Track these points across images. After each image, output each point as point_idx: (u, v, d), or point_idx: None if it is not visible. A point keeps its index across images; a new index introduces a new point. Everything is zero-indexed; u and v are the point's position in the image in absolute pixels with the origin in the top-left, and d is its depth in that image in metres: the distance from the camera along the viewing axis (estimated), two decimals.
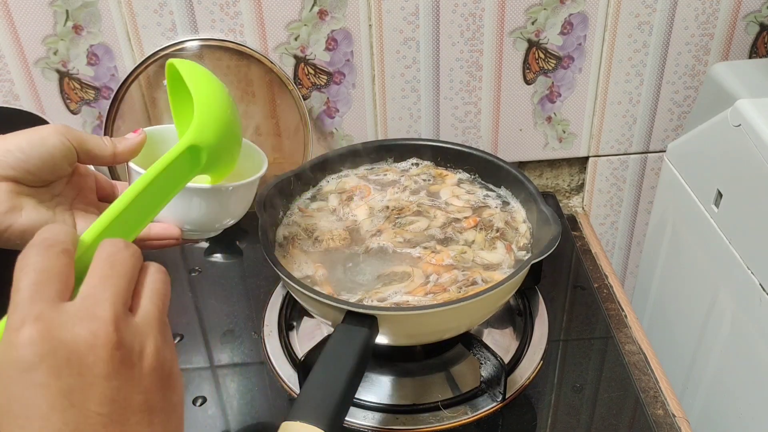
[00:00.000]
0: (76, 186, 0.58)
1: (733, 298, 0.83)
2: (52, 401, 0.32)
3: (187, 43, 0.92)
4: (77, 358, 0.33)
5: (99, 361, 0.33)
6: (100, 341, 0.33)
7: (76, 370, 0.33)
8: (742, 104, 0.78)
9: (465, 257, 0.71)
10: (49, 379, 0.32)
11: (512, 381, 0.72)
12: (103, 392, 0.33)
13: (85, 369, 0.33)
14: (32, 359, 0.32)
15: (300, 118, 0.96)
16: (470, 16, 0.92)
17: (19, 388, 0.32)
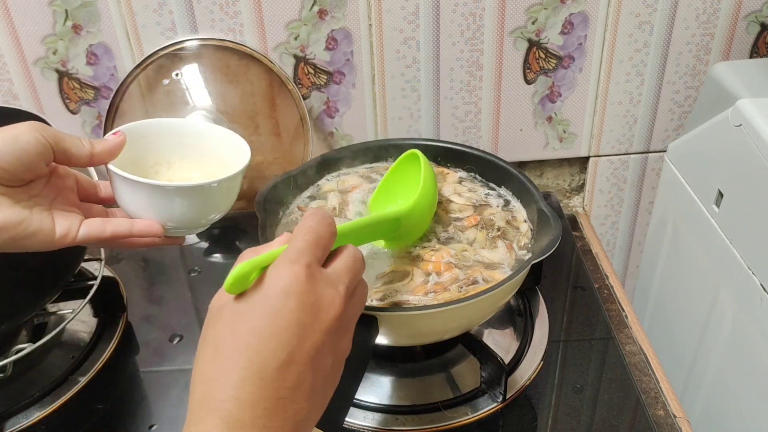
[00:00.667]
0: (55, 187, 0.57)
1: (733, 298, 0.83)
2: (289, 324, 0.41)
3: (187, 43, 0.92)
4: (318, 307, 0.43)
5: (327, 318, 0.43)
6: (334, 306, 0.44)
7: (313, 314, 0.42)
8: (743, 104, 0.78)
9: (466, 255, 0.71)
10: (296, 307, 0.42)
11: (512, 381, 0.72)
12: (318, 339, 0.42)
13: (319, 317, 0.42)
14: (294, 288, 0.42)
15: (300, 117, 0.96)
16: (470, 15, 0.92)
17: (273, 300, 0.41)
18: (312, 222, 0.46)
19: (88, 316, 0.82)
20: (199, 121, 0.65)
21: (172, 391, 0.73)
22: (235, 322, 0.41)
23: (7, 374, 0.73)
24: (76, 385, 0.73)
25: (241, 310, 0.42)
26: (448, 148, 0.84)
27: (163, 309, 0.84)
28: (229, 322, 0.42)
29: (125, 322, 0.81)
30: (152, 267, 0.92)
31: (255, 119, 0.96)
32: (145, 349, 0.79)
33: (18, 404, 0.71)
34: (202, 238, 0.96)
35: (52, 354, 0.77)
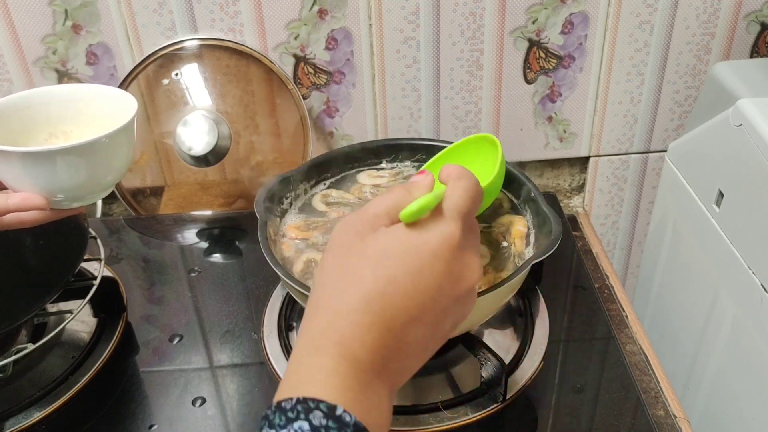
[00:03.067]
0: None
1: (734, 298, 0.82)
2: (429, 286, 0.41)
3: (187, 43, 0.92)
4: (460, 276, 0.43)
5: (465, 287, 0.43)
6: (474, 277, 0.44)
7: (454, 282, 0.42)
8: (744, 104, 0.78)
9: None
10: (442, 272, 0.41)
11: (513, 382, 0.72)
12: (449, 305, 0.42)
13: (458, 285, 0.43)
14: (445, 253, 0.42)
15: (300, 117, 0.96)
16: (471, 15, 0.92)
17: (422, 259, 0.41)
18: (469, 185, 0.45)
19: (88, 316, 0.82)
20: (84, 85, 0.61)
21: (172, 391, 0.73)
22: (379, 265, 0.41)
23: (7, 374, 0.73)
24: (76, 385, 0.73)
25: (387, 253, 0.41)
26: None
27: (163, 309, 0.84)
28: (374, 262, 0.41)
29: (125, 322, 0.81)
30: (152, 267, 0.92)
31: (255, 119, 0.96)
32: (145, 349, 0.79)
33: (18, 404, 0.71)
34: (202, 238, 0.96)
35: (52, 354, 0.77)
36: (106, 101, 0.60)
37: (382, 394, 0.40)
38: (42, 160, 0.52)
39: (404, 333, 0.40)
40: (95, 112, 0.60)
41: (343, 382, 0.38)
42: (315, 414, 0.36)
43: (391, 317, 0.40)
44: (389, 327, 0.40)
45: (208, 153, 0.95)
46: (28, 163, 0.52)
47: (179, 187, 1.01)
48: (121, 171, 0.58)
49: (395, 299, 0.40)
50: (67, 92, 0.61)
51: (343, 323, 0.39)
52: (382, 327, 0.39)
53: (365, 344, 0.39)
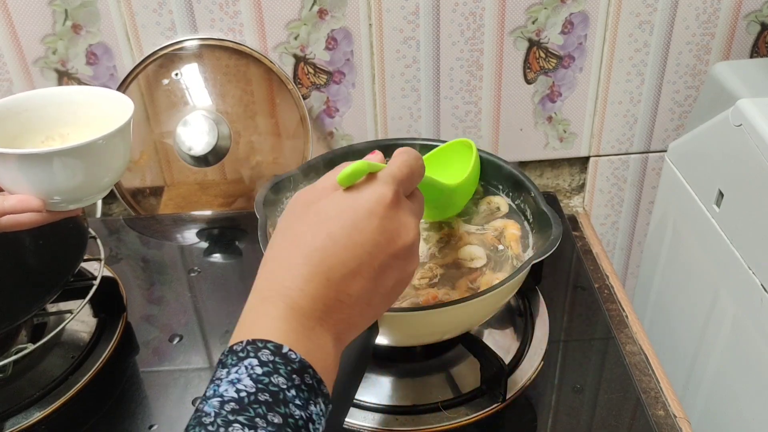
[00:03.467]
0: None
1: (734, 298, 0.82)
2: (365, 241, 0.45)
3: (187, 43, 0.92)
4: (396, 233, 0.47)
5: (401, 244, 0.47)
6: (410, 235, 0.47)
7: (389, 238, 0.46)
8: (744, 104, 0.78)
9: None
10: (376, 229, 0.45)
11: (513, 382, 0.72)
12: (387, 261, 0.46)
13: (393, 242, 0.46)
14: (379, 210, 0.46)
15: (300, 117, 0.96)
16: (470, 15, 0.92)
17: (358, 216, 0.45)
18: (408, 158, 0.50)
19: (88, 316, 0.82)
20: (81, 87, 0.60)
21: (172, 391, 0.73)
22: (319, 224, 0.45)
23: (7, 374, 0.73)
24: (76, 385, 0.73)
25: (327, 214, 0.46)
26: None
27: (163, 309, 0.84)
28: (314, 222, 0.45)
29: (125, 322, 0.81)
30: (152, 267, 0.92)
31: (255, 119, 0.96)
32: (145, 349, 0.79)
33: (18, 404, 0.71)
34: (202, 239, 0.96)
35: (52, 354, 0.77)
36: (103, 103, 0.60)
37: (326, 339, 0.43)
38: (38, 162, 0.51)
39: (344, 285, 0.44)
40: (92, 115, 0.60)
41: (287, 327, 0.42)
42: (263, 352, 0.40)
43: (329, 269, 0.43)
44: (328, 278, 0.43)
45: (208, 153, 0.95)
46: (24, 164, 0.51)
47: (179, 187, 1.01)
48: (118, 172, 0.58)
49: (333, 253, 0.44)
50: (63, 95, 0.61)
51: (286, 276, 0.43)
52: (321, 278, 0.43)
53: (306, 293, 0.43)
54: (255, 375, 0.39)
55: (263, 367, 0.39)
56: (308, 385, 0.40)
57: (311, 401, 0.40)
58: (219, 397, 0.38)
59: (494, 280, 0.68)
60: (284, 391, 0.39)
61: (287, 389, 0.39)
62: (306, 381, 0.40)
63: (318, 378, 0.41)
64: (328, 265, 0.44)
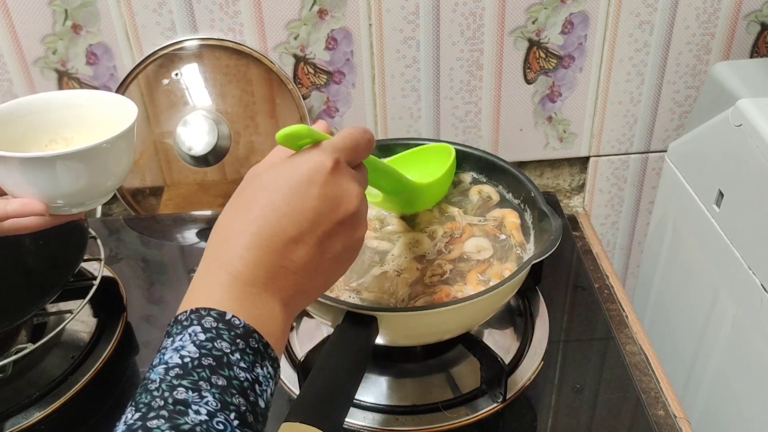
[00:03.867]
0: None
1: (734, 298, 0.82)
2: (305, 208, 0.45)
3: (187, 43, 0.92)
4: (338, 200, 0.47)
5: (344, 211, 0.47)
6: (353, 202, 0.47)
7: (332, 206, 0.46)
8: (744, 104, 0.78)
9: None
10: (317, 196, 0.46)
11: (512, 382, 0.72)
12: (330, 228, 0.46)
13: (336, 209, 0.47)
14: (317, 178, 0.46)
15: (300, 117, 0.96)
16: (470, 15, 0.92)
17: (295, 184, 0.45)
18: (354, 131, 0.51)
19: (88, 316, 0.82)
20: (88, 91, 0.60)
21: None
22: (258, 193, 0.46)
23: (6, 374, 0.73)
24: (76, 385, 0.73)
25: (266, 183, 0.46)
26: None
27: (163, 309, 0.84)
28: (254, 191, 0.46)
29: (125, 322, 0.81)
30: (152, 267, 0.92)
31: (255, 119, 0.96)
32: (145, 349, 0.79)
33: (18, 404, 0.71)
34: (202, 239, 0.96)
35: (52, 354, 0.77)
36: (107, 107, 0.60)
37: (273, 305, 0.44)
38: (42, 166, 0.51)
39: (286, 252, 0.44)
40: (96, 118, 0.60)
41: (230, 294, 0.42)
42: (206, 319, 0.40)
43: (270, 236, 0.44)
44: (268, 245, 0.44)
45: (208, 153, 0.95)
46: (27, 168, 0.51)
47: (179, 187, 1.01)
48: (121, 176, 0.57)
49: (273, 221, 0.44)
50: (67, 98, 0.61)
51: (229, 245, 0.44)
52: (262, 245, 0.44)
53: (247, 261, 0.43)
54: (198, 341, 0.39)
55: (206, 333, 0.40)
56: (253, 348, 0.41)
57: (257, 363, 0.41)
58: (164, 365, 0.39)
59: (503, 270, 0.69)
60: (228, 355, 0.39)
61: (231, 353, 0.40)
62: (251, 345, 0.41)
63: (264, 342, 0.42)
64: (269, 232, 0.44)
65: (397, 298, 0.66)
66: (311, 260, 0.46)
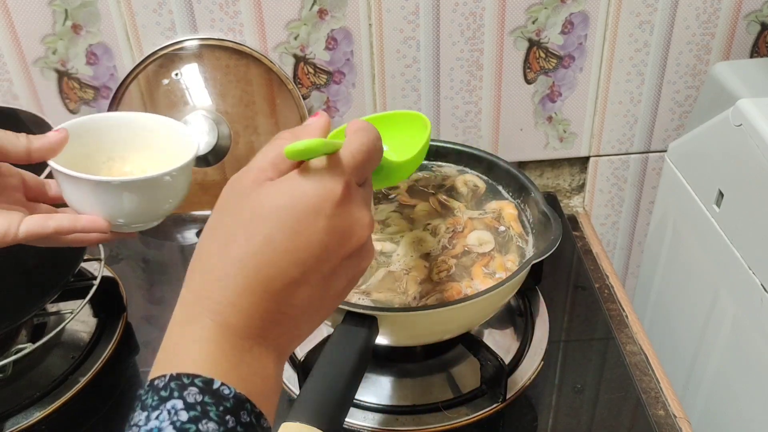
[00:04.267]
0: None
1: (734, 298, 0.82)
2: (310, 244, 0.38)
3: (187, 43, 0.92)
4: (348, 233, 0.40)
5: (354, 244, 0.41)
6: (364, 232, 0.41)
7: (340, 239, 0.40)
8: (744, 104, 0.78)
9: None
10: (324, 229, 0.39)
11: (513, 382, 0.72)
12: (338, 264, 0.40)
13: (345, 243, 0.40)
14: (326, 209, 0.39)
15: (300, 117, 0.96)
16: (470, 15, 0.92)
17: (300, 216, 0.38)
18: (368, 140, 0.43)
19: (88, 316, 0.82)
20: (150, 115, 0.63)
21: None
22: (254, 223, 0.38)
23: (7, 374, 0.73)
24: (76, 385, 0.73)
25: (263, 210, 0.38)
26: (449, 148, 0.84)
27: (163, 309, 0.84)
28: (248, 220, 0.38)
29: (125, 322, 0.81)
30: (152, 267, 0.92)
31: (255, 119, 0.96)
32: (145, 349, 0.79)
33: (18, 404, 0.71)
34: None
35: (52, 354, 0.77)
36: (172, 136, 0.62)
37: (265, 360, 0.38)
38: (111, 189, 0.55)
39: (287, 296, 0.38)
40: (156, 143, 0.63)
41: (218, 352, 0.36)
42: (190, 391, 0.34)
43: (267, 279, 0.37)
44: (266, 289, 0.37)
45: (208, 153, 0.95)
46: (98, 190, 0.54)
47: None
48: (180, 200, 0.60)
49: (272, 260, 0.37)
50: (130, 119, 0.63)
51: (215, 288, 0.37)
52: (259, 290, 0.37)
53: (240, 309, 0.37)
54: (179, 423, 0.33)
55: (190, 412, 0.33)
56: (245, 424, 0.35)
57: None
58: None
59: (507, 262, 0.69)
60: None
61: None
62: (242, 419, 0.34)
63: (257, 412, 0.36)
64: (266, 274, 0.37)
65: (408, 296, 0.67)
66: (313, 302, 0.39)
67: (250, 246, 0.37)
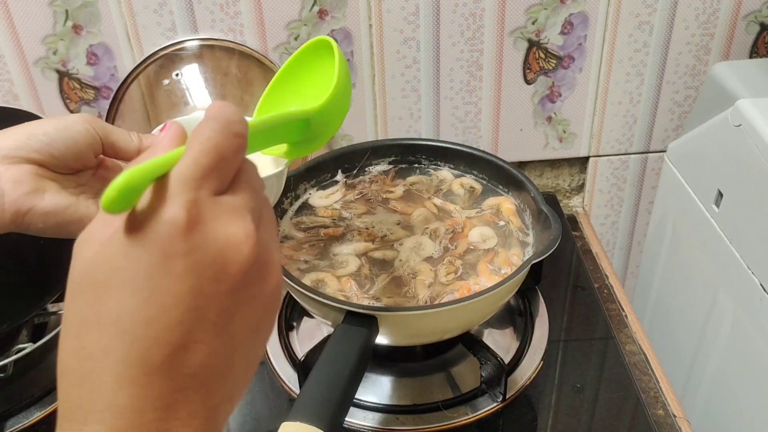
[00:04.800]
0: (101, 179, 0.57)
1: (733, 298, 0.83)
2: (178, 297, 0.30)
3: (187, 43, 0.92)
4: (220, 261, 0.31)
5: (236, 271, 0.32)
6: (244, 250, 0.32)
7: (214, 273, 0.31)
8: (743, 104, 0.78)
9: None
10: (186, 272, 0.30)
11: (512, 381, 0.72)
12: (226, 303, 0.32)
13: (223, 275, 0.31)
14: (176, 246, 0.30)
15: None
16: (470, 15, 0.92)
17: (147, 268, 0.30)
18: (212, 131, 0.33)
19: None
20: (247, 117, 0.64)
21: None
22: (103, 296, 0.30)
23: (7, 374, 0.73)
24: None
25: (109, 280, 0.30)
26: (449, 148, 0.84)
27: None
28: (95, 298, 0.30)
29: None
30: None
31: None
32: None
33: (18, 404, 0.71)
34: None
35: (53, 354, 0.77)
36: None
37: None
38: None
39: (176, 366, 0.30)
40: None
41: None
42: None
43: (141, 359, 0.30)
44: (146, 372, 0.30)
45: None
46: None
47: None
48: (273, 202, 0.60)
49: (137, 333, 0.30)
50: None
51: (79, 394, 0.32)
52: (135, 377, 0.30)
53: (122, 410, 0.30)
54: None
55: None
56: None
57: None
58: None
59: (511, 257, 0.69)
60: None
61: None
62: None
63: None
64: (138, 355, 0.30)
65: (419, 301, 0.67)
66: (218, 358, 0.32)
67: (104, 326, 0.30)
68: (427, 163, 0.85)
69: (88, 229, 0.32)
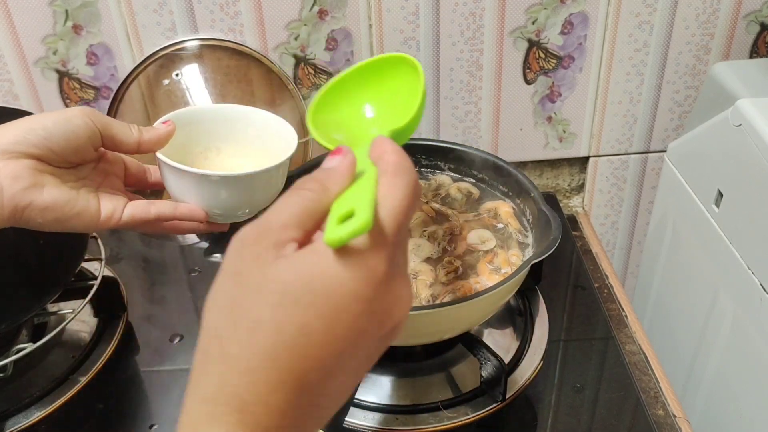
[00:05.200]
0: (102, 172, 0.58)
1: (733, 298, 0.83)
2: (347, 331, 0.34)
3: (187, 43, 0.92)
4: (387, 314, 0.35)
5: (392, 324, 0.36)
6: (404, 309, 0.36)
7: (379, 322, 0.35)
8: (743, 104, 0.78)
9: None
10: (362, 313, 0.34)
11: (512, 381, 0.72)
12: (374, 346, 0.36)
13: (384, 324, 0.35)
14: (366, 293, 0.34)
15: (300, 117, 0.96)
16: (470, 15, 0.92)
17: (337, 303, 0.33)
18: (408, 190, 0.36)
19: (89, 315, 0.82)
20: (250, 108, 0.64)
21: (173, 391, 0.74)
22: (284, 307, 0.33)
23: (7, 374, 0.73)
24: (76, 385, 0.73)
25: (295, 293, 0.33)
26: (449, 148, 0.84)
27: (164, 309, 0.84)
28: (276, 302, 0.33)
29: (125, 322, 0.81)
30: (153, 267, 0.92)
31: None
32: (146, 349, 0.79)
33: (18, 404, 0.71)
34: (202, 239, 0.96)
35: (53, 354, 0.77)
36: (269, 129, 0.63)
37: None
38: (212, 183, 0.56)
39: (321, 388, 0.34)
40: (252, 135, 0.63)
41: None
42: None
43: (302, 373, 0.33)
44: (301, 385, 0.33)
45: None
46: (200, 183, 0.56)
47: None
48: (274, 195, 0.60)
49: (308, 353, 0.33)
50: (230, 111, 0.64)
51: (242, 383, 0.32)
52: (292, 386, 0.33)
53: (272, 409, 0.32)
54: None
55: None
56: None
57: None
58: None
59: (511, 257, 0.69)
60: None
61: None
62: None
63: None
64: (301, 367, 0.33)
65: (421, 300, 0.67)
66: (345, 389, 0.36)
67: (281, 336, 0.32)
68: (426, 163, 0.85)
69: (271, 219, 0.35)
